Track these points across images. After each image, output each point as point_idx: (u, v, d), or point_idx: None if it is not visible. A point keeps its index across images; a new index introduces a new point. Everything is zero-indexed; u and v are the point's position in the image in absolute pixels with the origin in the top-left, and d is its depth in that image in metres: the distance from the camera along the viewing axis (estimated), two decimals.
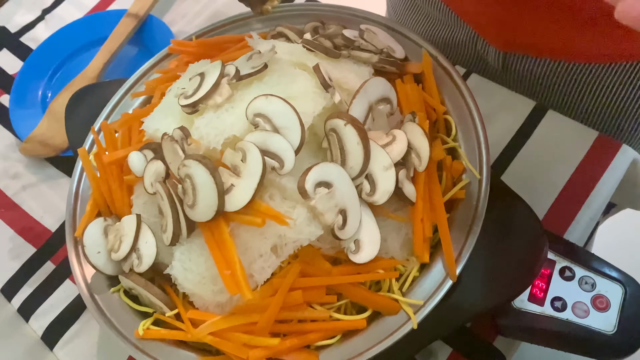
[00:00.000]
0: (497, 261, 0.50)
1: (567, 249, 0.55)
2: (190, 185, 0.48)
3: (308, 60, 0.54)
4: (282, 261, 0.48)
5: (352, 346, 0.48)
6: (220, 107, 0.52)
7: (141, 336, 0.51)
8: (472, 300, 0.49)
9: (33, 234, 0.73)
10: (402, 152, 0.50)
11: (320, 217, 0.46)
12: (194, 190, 0.47)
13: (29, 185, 0.77)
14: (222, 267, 0.47)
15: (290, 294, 0.47)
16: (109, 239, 0.54)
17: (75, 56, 0.88)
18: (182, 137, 0.50)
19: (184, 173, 0.48)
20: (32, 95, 0.85)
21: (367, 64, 0.57)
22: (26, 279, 0.70)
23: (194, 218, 0.48)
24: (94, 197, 0.58)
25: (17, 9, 0.96)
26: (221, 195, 0.47)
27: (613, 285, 0.53)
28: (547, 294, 0.53)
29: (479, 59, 0.78)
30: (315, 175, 0.47)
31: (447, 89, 0.57)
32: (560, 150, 0.65)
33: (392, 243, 0.50)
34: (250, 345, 0.48)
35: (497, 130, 0.67)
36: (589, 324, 0.51)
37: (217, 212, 0.47)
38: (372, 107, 0.52)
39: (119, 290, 0.55)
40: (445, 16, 0.76)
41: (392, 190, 0.49)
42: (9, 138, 0.82)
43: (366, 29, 0.60)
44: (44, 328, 0.66)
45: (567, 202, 0.62)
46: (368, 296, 0.49)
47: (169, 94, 0.58)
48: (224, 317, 0.49)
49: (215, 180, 0.47)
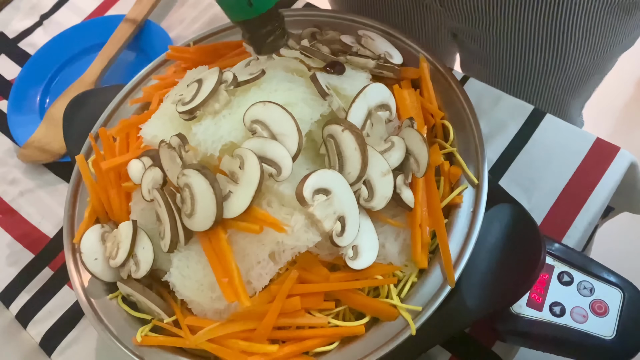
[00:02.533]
0: (495, 267, 0.50)
1: (566, 254, 0.55)
2: (189, 194, 0.47)
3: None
4: (280, 268, 0.48)
5: (351, 352, 0.48)
6: (218, 114, 0.52)
7: (139, 343, 0.51)
8: (471, 305, 0.49)
9: (31, 240, 0.73)
10: (401, 159, 0.50)
11: (319, 224, 0.46)
12: (192, 199, 0.47)
13: (26, 191, 0.77)
14: (220, 275, 0.47)
15: (288, 301, 0.47)
16: (106, 246, 0.54)
17: (73, 62, 0.88)
18: (180, 145, 0.50)
19: (183, 182, 0.48)
20: (30, 101, 0.85)
21: (364, 70, 0.57)
22: (24, 285, 0.70)
23: (192, 227, 0.48)
24: (92, 203, 0.58)
25: (15, 14, 0.96)
26: (220, 205, 0.47)
27: (612, 290, 0.53)
28: (546, 299, 0.53)
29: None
30: (313, 182, 0.47)
31: (444, 94, 0.57)
32: (558, 154, 0.65)
33: (390, 249, 0.50)
34: (249, 352, 0.47)
35: (495, 135, 0.67)
36: (587, 329, 0.51)
37: (215, 222, 0.47)
38: (371, 112, 0.52)
39: (117, 297, 0.55)
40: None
41: (390, 196, 0.49)
42: (7, 144, 0.82)
43: (364, 35, 0.60)
44: (42, 334, 0.65)
45: (565, 206, 0.62)
46: (366, 302, 0.49)
47: (167, 100, 0.58)
48: (222, 324, 0.49)
49: (215, 190, 0.47)
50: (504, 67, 0.81)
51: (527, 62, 0.78)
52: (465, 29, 0.79)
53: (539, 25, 0.71)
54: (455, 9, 0.74)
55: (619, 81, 1.61)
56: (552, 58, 0.76)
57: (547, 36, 0.72)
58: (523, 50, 0.76)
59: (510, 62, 0.79)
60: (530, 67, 0.78)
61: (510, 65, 0.80)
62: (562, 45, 0.73)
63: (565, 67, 0.77)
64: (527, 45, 0.75)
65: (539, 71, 0.78)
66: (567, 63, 0.76)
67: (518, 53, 0.77)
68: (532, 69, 0.79)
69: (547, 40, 0.73)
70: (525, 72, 0.80)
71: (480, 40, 0.79)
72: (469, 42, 0.83)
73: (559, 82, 0.80)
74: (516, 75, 0.81)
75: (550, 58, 0.76)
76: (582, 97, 0.87)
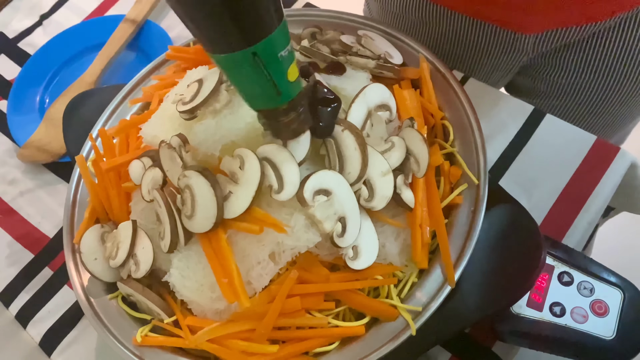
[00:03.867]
0: (496, 267, 0.50)
1: (566, 254, 0.55)
2: (190, 195, 0.47)
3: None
4: (280, 268, 0.48)
5: (351, 352, 0.48)
6: (218, 113, 0.52)
7: (139, 343, 0.51)
8: (471, 306, 0.49)
9: (31, 240, 0.73)
10: (401, 159, 0.50)
11: (319, 224, 0.46)
12: (193, 201, 0.47)
13: (26, 191, 0.77)
14: (220, 276, 0.47)
15: (288, 301, 0.47)
16: (106, 246, 0.54)
17: (73, 62, 0.88)
18: (180, 145, 0.50)
19: (184, 184, 0.48)
20: (29, 101, 0.85)
21: (364, 70, 0.57)
22: (24, 285, 0.69)
23: (192, 229, 0.48)
24: (92, 204, 0.58)
25: (15, 14, 0.96)
26: (220, 207, 0.47)
27: (612, 290, 0.53)
28: (546, 299, 0.53)
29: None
30: (313, 183, 0.47)
31: (444, 94, 0.57)
32: (558, 154, 0.65)
33: (390, 249, 0.50)
34: (249, 353, 0.47)
35: (495, 135, 0.67)
36: (587, 329, 0.51)
37: (216, 223, 0.47)
38: (371, 113, 0.52)
39: (117, 297, 0.55)
40: (426, 15, 0.74)
41: (390, 196, 0.49)
42: (7, 144, 0.82)
43: (364, 35, 0.60)
44: (42, 335, 0.65)
45: (566, 206, 0.62)
46: (366, 302, 0.49)
47: (167, 100, 0.58)
48: (222, 324, 0.49)
49: (216, 192, 0.47)
50: (575, 98, 0.77)
51: (604, 91, 0.74)
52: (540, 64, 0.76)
53: (623, 52, 0.68)
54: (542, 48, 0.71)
55: None
56: (630, 85, 0.72)
57: (629, 63, 0.69)
58: (602, 79, 0.73)
59: (585, 93, 0.75)
60: (605, 96, 0.75)
61: (584, 96, 0.76)
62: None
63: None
64: (608, 74, 0.72)
65: (614, 100, 0.75)
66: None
67: (596, 82, 0.73)
68: (606, 98, 0.75)
69: (629, 66, 0.70)
70: (599, 103, 0.76)
71: (552, 74, 0.75)
72: (532, 78, 0.79)
73: (629, 110, 0.77)
74: (588, 106, 0.77)
75: (629, 85, 0.72)
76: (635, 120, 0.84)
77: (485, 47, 0.74)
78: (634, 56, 0.69)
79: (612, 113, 0.78)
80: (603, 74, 0.72)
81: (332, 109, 0.48)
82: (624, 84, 0.72)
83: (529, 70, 0.78)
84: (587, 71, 0.72)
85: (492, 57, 0.75)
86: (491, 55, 0.75)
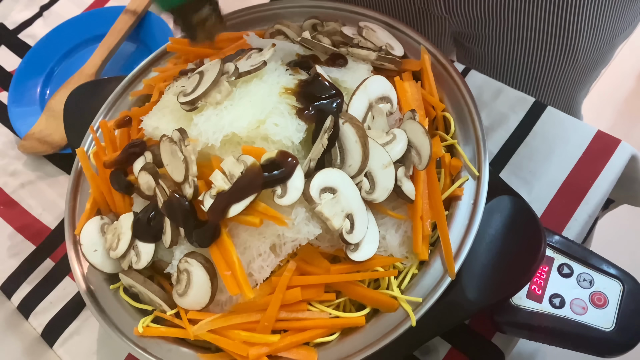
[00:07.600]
0: (496, 258, 0.50)
1: (566, 246, 0.55)
2: (186, 279, 0.49)
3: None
4: (281, 260, 0.48)
5: (351, 343, 0.48)
6: (219, 105, 0.52)
7: (140, 334, 0.51)
8: (471, 297, 0.49)
9: (32, 232, 0.73)
10: (402, 151, 0.50)
11: (328, 222, 0.46)
12: (188, 284, 0.49)
13: (27, 182, 0.77)
14: (222, 268, 0.47)
15: (289, 292, 0.48)
16: (106, 238, 0.54)
17: (74, 53, 0.88)
18: (180, 139, 0.50)
19: (184, 267, 0.49)
20: (30, 93, 0.85)
21: (365, 62, 0.57)
22: (26, 276, 0.70)
23: (179, 303, 0.50)
24: (93, 195, 0.58)
25: (15, 5, 0.96)
26: (212, 298, 0.49)
27: (611, 282, 0.53)
28: (546, 290, 0.53)
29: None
30: (319, 181, 0.47)
31: (445, 86, 0.57)
32: (558, 147, 0.65)
33: (391, 241, 0.50)
34: (250, 343, 0.48)
35: (496, 127, 0.67)
36: (587, 321, 0.51)
37: (204, 308, 0.49)
38: (372, 105, 0.52)
39: (119, 288, 0.55)
40: None
41: (391, 188, 0.49)
42: (8, 135, 0.82)
43: (365, 26, 0.60)
44: (44, 325, 0.66)
45: (566, 198, 0.62)
46: (367, 294, 0.49)
47: (168, 92, 0.57)
48: (223, 316, 0.49)
49: (212, 285, 0.48)
50: (510, 66, 0.80)
51: (535, 59, 0.77)
52: (470, 32, 0.78)
53: (546, 22, 0.71)
54: (462, 15, 0.73)
55: (620, 75, 1.61)
56: (560, 53, 0.75)
57: (555, 31, 0.72)
58: (530, 48, 0.75)
59: (517, 61, 0.79)
60: (537, 64, 0.78)
61: (517, 64, 0.79)
62: (570, 39, 0.73)
63: (574, 60, 0.76)
64: (534, 43, 0.74)
65: (547, 67, 0.78)
66: (575, 56, 0.76)
67: (525, 51, 0.76)
68: (539, 66, 0.78)
69: (555, 35, 0.72)
70: (533, 70, 0.79)
71: (485, 42, 0.78)
72: (472, 46, 0.82)
73: (567, 76, 0.80)
74: (524, 73, 0.80)
75: (559, 53, 0.75)
76: (585, 90, 0.87)
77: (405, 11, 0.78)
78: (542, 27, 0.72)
79: (554, 80, 0.80)
80: (519, 45, 0.75)
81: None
82: (547, 51, 0.75)
83: (464, 39, 0.82)
84: (505, 42, 0.76)
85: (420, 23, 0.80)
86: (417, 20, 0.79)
